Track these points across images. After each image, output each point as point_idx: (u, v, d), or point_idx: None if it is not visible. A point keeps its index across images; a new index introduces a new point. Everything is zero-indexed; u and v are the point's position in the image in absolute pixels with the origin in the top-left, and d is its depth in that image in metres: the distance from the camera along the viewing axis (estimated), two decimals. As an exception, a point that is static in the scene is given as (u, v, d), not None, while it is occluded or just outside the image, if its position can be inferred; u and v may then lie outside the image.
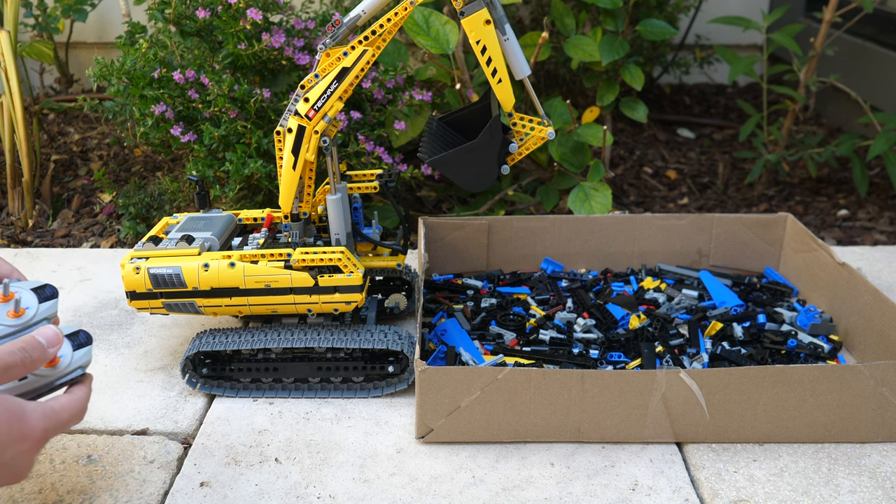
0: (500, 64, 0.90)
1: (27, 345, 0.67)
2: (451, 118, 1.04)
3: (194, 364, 0.99)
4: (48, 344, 0.69)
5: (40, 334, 0.69)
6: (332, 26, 0.91)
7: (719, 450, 0.90)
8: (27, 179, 1.54)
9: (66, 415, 0.69)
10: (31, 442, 0.66)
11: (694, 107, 2.40)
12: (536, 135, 0.95)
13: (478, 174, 0.93)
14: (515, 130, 0.95)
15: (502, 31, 0.90)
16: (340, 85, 0.91)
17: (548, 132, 0.94)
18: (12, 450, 0.64)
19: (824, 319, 1.12)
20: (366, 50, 0.90)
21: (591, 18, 1.70)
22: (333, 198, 0.98)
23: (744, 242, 1.28)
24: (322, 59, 0.92)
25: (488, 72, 0.90)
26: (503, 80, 0.91)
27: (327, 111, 0.92)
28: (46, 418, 0.67)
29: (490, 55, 0.89)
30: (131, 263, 0.95)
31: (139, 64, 1.29)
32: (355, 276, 0.95)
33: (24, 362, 0.66)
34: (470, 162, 0.92)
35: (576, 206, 1.35)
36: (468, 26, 0.88)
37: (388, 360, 0.99)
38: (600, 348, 1.05)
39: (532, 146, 0.96)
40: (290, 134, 0.93)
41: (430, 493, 0.84)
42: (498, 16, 0.89)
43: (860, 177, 1.66)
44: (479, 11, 0.87)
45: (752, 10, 2.44)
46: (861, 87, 1.88)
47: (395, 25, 0.90)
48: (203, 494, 0.83)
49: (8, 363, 0.65)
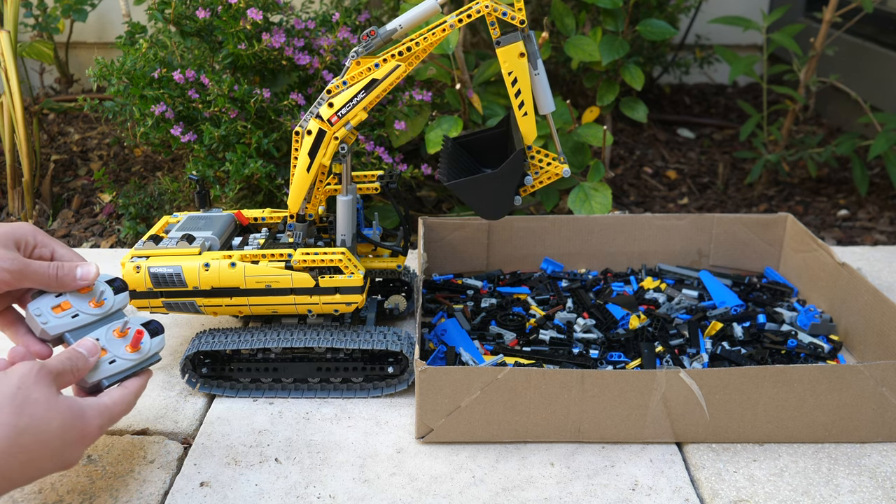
0: (527, 97, 0.90)
1: (72, 355, 0.76)
2: (466, 140, 1.04)
3: (194, 364, 0.99)
4: (88, 354, 0.78)
5: (81, 346, 0.78)
6: (366, 35, 0.91)
7: (719, 450, 0.90)
8: (27, 179, 1.54)
9: (118, 409, 0.77)
10: (90, 439, 0.73)
11: (694, 107, 2.40)
12: (552, 170, 0.96)
13: (494, 203, 0.93)
14: (532, 163, 0.96)
15: (534, 66, 0.90)
16: (367, 96, 0.91)
17: (563, 170, 0.95)
18: (73, 446, 0.71)
19: (824, 319, 1.12)
20: (399, 65, 0.90)
21: (591, 18, 1.70)
22: (344, 199, 0.98)
23: (744, 242, 1.28)
24: (352, 67, 0.92)
25: (516, 103, 0.91)
26: (528, 113, 0.91)
27: (350, 119, 0.92)
28: (101, 416, 0.74)
29: (520, 87, 0.90)
30: (132, 262, 0.95)
31: (139, 64, 1.29)
32: (356, 278, 0.95)
33: (72, 370, 0.75)
34: (489, 190, 0.92)
35: (576, 206, 1.35)
36: (502, 56, 0.88)
37: (387, 361, 0.99)
38: (600, 348, 1.05)
39: (546, 181, 0.96)
40: (309, 136, 0.92)
41: (430, 493, 0.84)
42: (532, 50, 0.89)
43: (860, 177, 1.66)
44: (515, 43, 0.88)
45: (752, 10, 2.44)
46: (861, 87, 1.88)
47: (431, 45, 0.90)
48: (203, 494, 0.83)
49: (60, 370, 0.73)
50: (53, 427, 0.68)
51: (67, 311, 0.82)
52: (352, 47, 1.39)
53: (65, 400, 0.71)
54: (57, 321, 0.81)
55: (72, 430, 0.70)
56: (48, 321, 0.81)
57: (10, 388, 0.67)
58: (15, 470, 0.66)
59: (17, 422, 0.66)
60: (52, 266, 0.81)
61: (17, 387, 0.68)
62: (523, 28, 0.88)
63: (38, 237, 0.84)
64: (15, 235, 0.81)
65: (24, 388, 0.68)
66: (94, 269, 0.84)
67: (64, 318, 0.82)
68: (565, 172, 0.95)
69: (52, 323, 0.81)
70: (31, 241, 0.83)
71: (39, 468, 0.69)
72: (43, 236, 0.84)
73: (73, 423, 0.70)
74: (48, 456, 0.68)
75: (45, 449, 0.68)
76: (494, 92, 1.49)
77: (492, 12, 0.87)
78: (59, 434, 0.69)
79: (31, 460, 0.67)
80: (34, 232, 0.83)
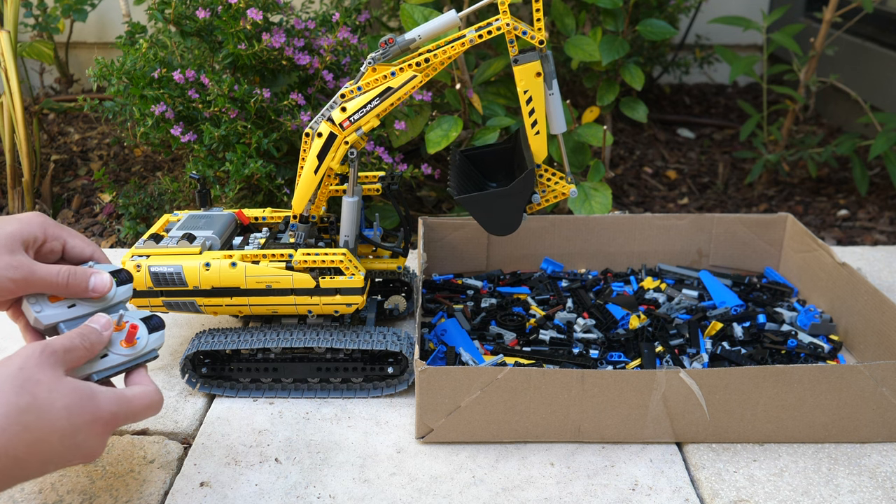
0: (541, 117, 0.90)
1: (85, 330, 0.75)
2: (473, 153, 1.04)
3: (194, 364, 0.99)
4: (101, 329, 0.77)
5: (94, 321, 0.77)
6: (384, 43, 0.91)
7: (719, 450, 0.90)
8: (27, 179, 1.54)
9: (139, 403, 0.74)
10: (102, 424, 0.70)
11: (694, 107, 2.40)
12: (559, 190, 0.96)
13: (502, 220, 0.93)
14: (540, 182, 0.96)
15: (549, 86, 0.90)
16: (381, 103, 0.91)
17: (570, 190, 0.95)
18: (84, 431, 0.69)
19: (824, 319, 1.12)
20: (415, 75, 0.90)
21: (591, 18, 1.71)
22: (350, 200, 0.98)
23: (744, 242, 1.28)
24: (367, 73, 0.91)
25: (529, 122, 0.90)
26: (541, 132, 0.91)
27: (362, 125, 0.92)
28: (117, 403, 0.72)
29: (534, 106, 0.90)
30: (132, 261, 0.95)
31: (139, 64, 1.29)
32: (357, 279, 0.95)
33: (83, 345, 0.74)
34: (498, 207, 0.92)
35: (576, 206, 1.35)
36: (519, 75, 0.88)
37: (387, 362, 0.99)
38: (600, 348, 1.05)
39: (552, 200, 0.96)
40: (319, 139, 0.92)
41: (430, 493, 0.84)
42: (549, 70, 0.89)
43: (860, 177, 1.66)
44: (532, 62, 0.87)
45: (752, 10, 2.44)
46: (861, 87, 1.89)
47: (449, 59, 0.90)
48: (203, 494, 0.83)
49: (68, 346, 0.72)
50: (57, 406, 0.67)
51: (64, 301, 0.79)
52: (352, 47, 1.39)
53: (71, 381, 0.69)
54: (52, 311, 0.78)
55: (80, 412, 0.68)
56: (42, 310, 0.78)
57: (13, 368, 0.67)
58: (21, 449, 0.65)
59: (17, 400, 0.65)
60: (62, 273, 0.79)
61: (20, 367, 0.67)
62: (542, 48, 0.88)
63: (49, 230, 0.82)
64: (23, 235, 0.78)
65: (26, 369, 0.67)
66: (109, 279, 0.81)
67: (60, 307, 0.79)
68: (572, 193, 0.95)
69: (45, 312, 0.78)
70: (41, 237, 0.81)
71: (50, 451, 0.67)
72: (54, 228, 0.82)
73: (80, 403, 0.68)
74: (57, 438, 0.67)
75: (51, 429, 0.67)
76: (494, 92, 1.49)
77: (511, 30, 0.87)
78: (65, 415, 0.67)
79: (38, 440, 0.66)
80: (43, 225, 0.81)
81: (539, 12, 0.87)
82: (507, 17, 0.87)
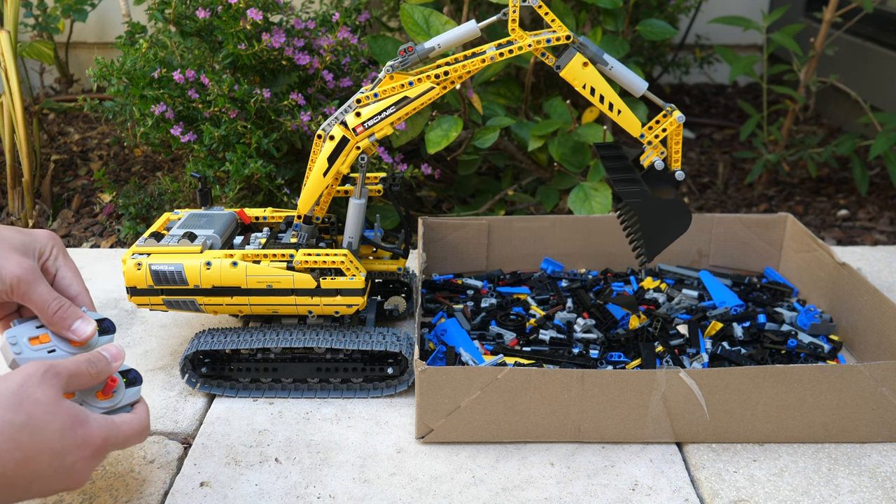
0: (613, 97, 0.89)
1: (94, 357, 0.75)
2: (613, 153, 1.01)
3: (193, 364, 0.99)
4: (112, 359, 0.77)
5: (105, 350, 0.77)
6: (403, 51, 0.90)
7: (719, 450, 0.90)
8: (27, 179, 1.54)
9: (127, 429, 0.74)
10: (91, 449, 0.70)
11: (694, 107, 2.40)
12: (671, 129, 0.92)
13: (663, 233, 0.94)
14: (654, 140, 0.93)
15: (604, 63, 0.89)
16: (397, 112, 0.90)
17: (676, 116, 0.92)
18: (74, 454, 0.69)
19: (824, 319, 1.12)
20: (433, 87, 0.90)
21: (591, 18, 1.70)
22: (357, 202, 0.98)
23: (744, 242, 1.28)
24: (385, 80, 0.91)
25: (605, 108, 0.89)
26: (622, 110, 0.90)
27: (375, 132, 0.92)
28: (107, 429, 0.72)
29: (601, 93, 0.89)
30: (133, 259, 0.95)
31: (139, 64, 1.29)
32: (357, 280, 0.95)
33: (90, 372, 0.73)
34: (666, 217, 0.93)
35: (576, 206, 1.35)
36: (569, 77, 0.87)
37: (387, 362, 0.99)
38: (600, 348, 1.05)
39: (677, 139, 0.93)
40: (331, 142, 0.92)
41: (430, 493, 0.84)
42: (592, 53, 0.88)
43: (860, 177, 1.66)
44: (573, 59, 0.87)
45: (752, 10, 2.44)
46: (861, 87, 1.89)
47: (468, 73, 0.90)
48: (203, 494, 0.83)
49: (74, 371, 0.72)
50: (52, 428, 0.67)
51: (45, 344, 0.77)
52: (352, 47, 1.39)
53: (68, 404, 0.70)
54: (31, 353, 0.76)
55: (72, 435, 0.68)
56: (21, 352, 0.76)
57: (13, 385, 0.67)
58: (10, 466, 0.65)
59: (12, 417, 0.65)
60: (54, 302, 0.78)
61: (20, 384, 0.67)
62: (572, 40, 0.87)
63: (54, 251, 0.83)
64: (36, 246, 0.80)
65: (26, 387, 0.67)
66: (93, 329, 0.80)
67: (39, 351, 0.76)
68: (679, 118, 0.91)
69: (24, 355, 0.75)
70: (46, 253, 0.82)
71: (37, 471, 0.67)
72: (57, 250, 0.83)
73: (73, 427, 0.69)
74: (46, 458, 0.67)
75: (42, 449, 0.67)
76: (494, 92, 1.49)
77: (536, 47, 0.87)
78: (57, 437, 0.67)
79: (28, 459, 0.66)
80: (51, 242, 0.82)
81: (548, 14, 0.87)
82: (526, 37, 0.86)
